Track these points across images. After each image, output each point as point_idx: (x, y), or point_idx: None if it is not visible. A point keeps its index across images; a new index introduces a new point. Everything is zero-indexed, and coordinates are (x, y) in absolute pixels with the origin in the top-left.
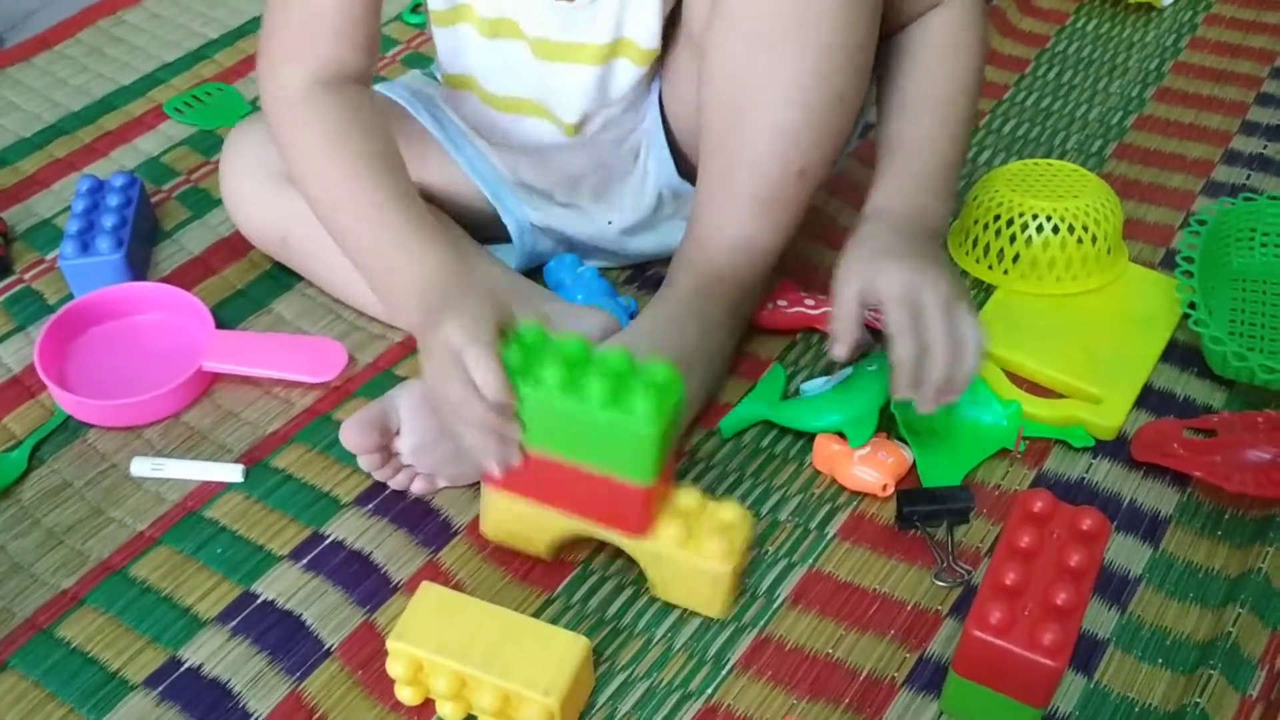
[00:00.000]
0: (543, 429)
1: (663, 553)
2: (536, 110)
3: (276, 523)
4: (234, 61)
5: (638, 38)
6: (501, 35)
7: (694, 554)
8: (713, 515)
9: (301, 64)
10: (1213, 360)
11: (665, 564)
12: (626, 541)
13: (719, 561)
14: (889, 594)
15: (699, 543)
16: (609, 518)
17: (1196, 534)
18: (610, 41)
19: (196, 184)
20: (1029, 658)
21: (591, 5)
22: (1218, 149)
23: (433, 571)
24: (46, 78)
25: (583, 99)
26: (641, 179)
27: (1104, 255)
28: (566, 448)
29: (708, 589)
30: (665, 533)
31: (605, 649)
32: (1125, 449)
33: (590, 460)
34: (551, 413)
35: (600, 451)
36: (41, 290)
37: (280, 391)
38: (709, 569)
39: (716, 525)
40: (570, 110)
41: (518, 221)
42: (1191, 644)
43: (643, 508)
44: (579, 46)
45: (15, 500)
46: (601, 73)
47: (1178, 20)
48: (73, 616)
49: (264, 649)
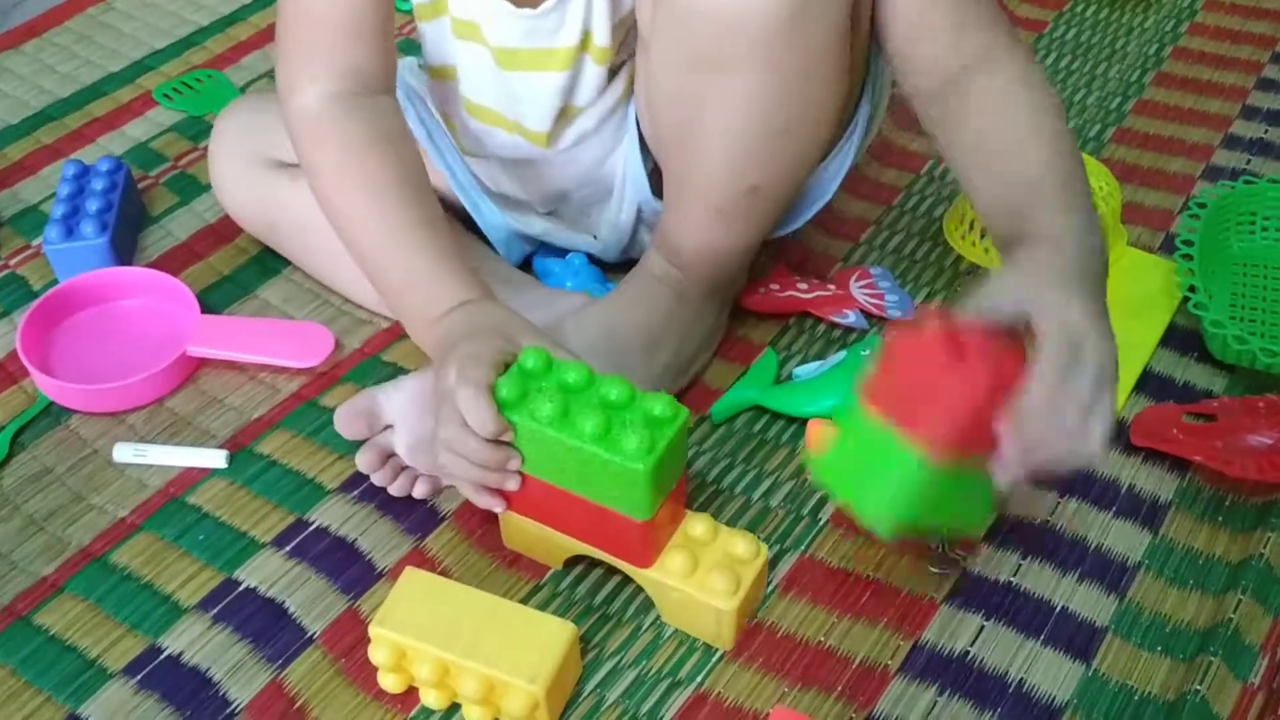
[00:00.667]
0: (540, 459)
1: (667, 584)
2: (504, 123)
3: (260, 509)
4: (224, 48)
5: (596, 34)
6: (468, 38)
7: (697, 589)
8: (722, 547)
9: (316, 78)
10: (1213, 344)
11: (670, 594)
12: (631, 569)
13: (723, 599)
14: (882, 580)
15: (704, 577)
16: (612, 547)
17: (1197, 520)
18: (577, 45)
19: (184, 170)
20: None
21: (559, 10)
22: (1218, 133)
23: (418, 558)
24: (35, 64)
25: (549, 106)
26: (620, 201)
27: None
28: (565, 479)
29: (712, 624)
30: (670, 564)
31: (593, 636)
32: (1124, 434)
33: (588, 493)
34: (546, 445)
35: (596, 486)
36: (26, 276)
37: (266, 377)
38: (712, 605)
39: (725, 558)
40: (537, 119)
41: (497, 230)
42: (1191, 631)
43: (643, 541)
44: (547, 53)
45: None
46: (568, 77)
47: (1177, 6)
48: (52, 604)
49: (245, 637)
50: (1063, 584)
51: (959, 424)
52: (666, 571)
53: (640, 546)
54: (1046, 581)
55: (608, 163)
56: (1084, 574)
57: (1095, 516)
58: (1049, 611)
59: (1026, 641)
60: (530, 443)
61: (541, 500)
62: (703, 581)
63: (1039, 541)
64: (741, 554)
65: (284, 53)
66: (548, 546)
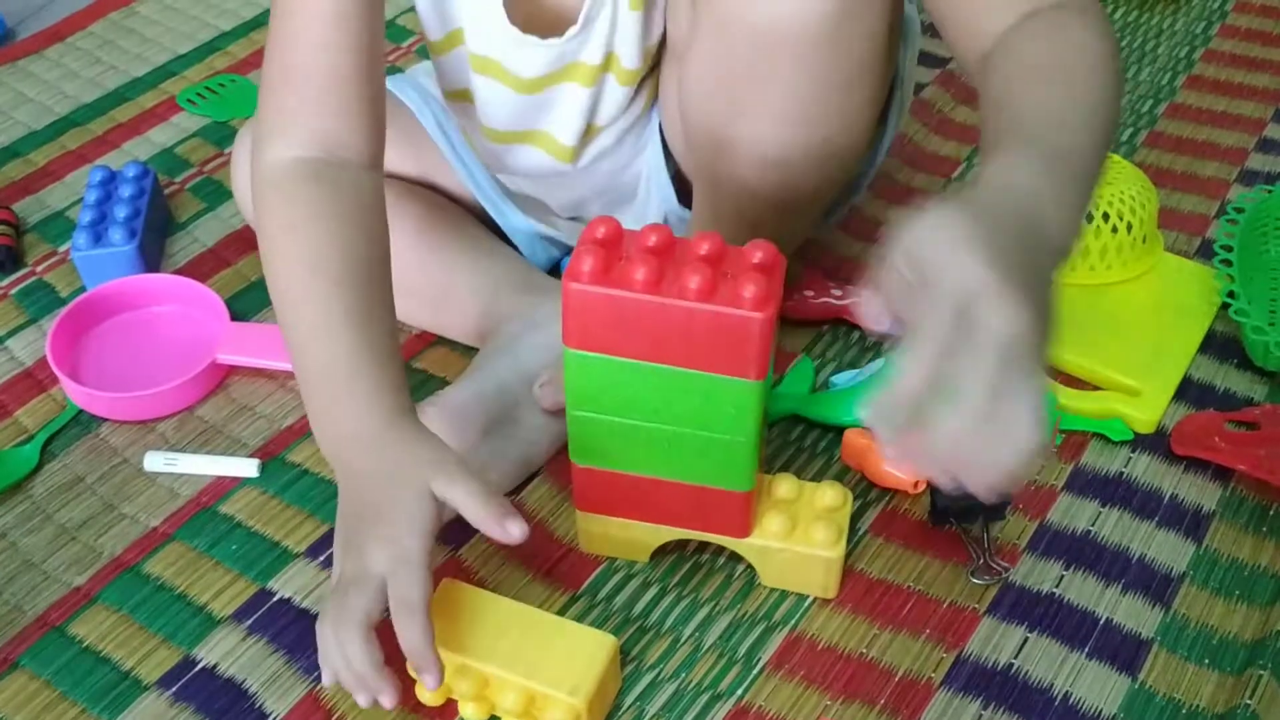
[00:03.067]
0: (629, 454)
1: (770, 547)
2: (531, 138)
3: (293, 519)
4: (247, 53)
5: (623, 58)
6: (488, 74)
7: (803, 544)
8: (812, 500)
9: (287, 138)
10: (1254, 351)
11: (775, 557)
12: (730, 540)
13: (829, 548)
14: (923, 591)
15: (805, 532)
16: (709, 524)
17: (1241, 530)
18: (601, 62)
19: (210, 175)
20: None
21: (583, 34)
22: (1252, 136)
23: (454, 568)
24: (58, 70)
25: (574, 121)
26: (644, 208)
27: (1139, 244)
28: (657, 466)
29: (821, 575)
30: (769, 526)
31: (632, 648)
32: (1164, 443)
33: (682, 475)
34: (639, 436)
35: (693, 466)
36: (53, 283)
37: (295, 384)
38: (820, 556)
39: (819, 510)
40: (566, 132)
41: (522, 233)
42: (1239, 644)
43: (744, 511)
44: (571, 67)
45: (27, 496)
46: (591, 95)
47: (1207, 8)
48: (85, 614)
49: (280, 648)
50: (1107, 595)
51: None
52: (768, 535)
53: (741, 517)
54: (1090, 592)
55: (628, 171)
56: (1128, 585)
57: (1138, 526)
58: (1093, 623)
59: (1071, 654)
60: (618, 438)
61: (627, 494)
62: (806, 536)
63: (1081, 551)
64: (831, 503)
65: (262, 102)
66: (634, 542)
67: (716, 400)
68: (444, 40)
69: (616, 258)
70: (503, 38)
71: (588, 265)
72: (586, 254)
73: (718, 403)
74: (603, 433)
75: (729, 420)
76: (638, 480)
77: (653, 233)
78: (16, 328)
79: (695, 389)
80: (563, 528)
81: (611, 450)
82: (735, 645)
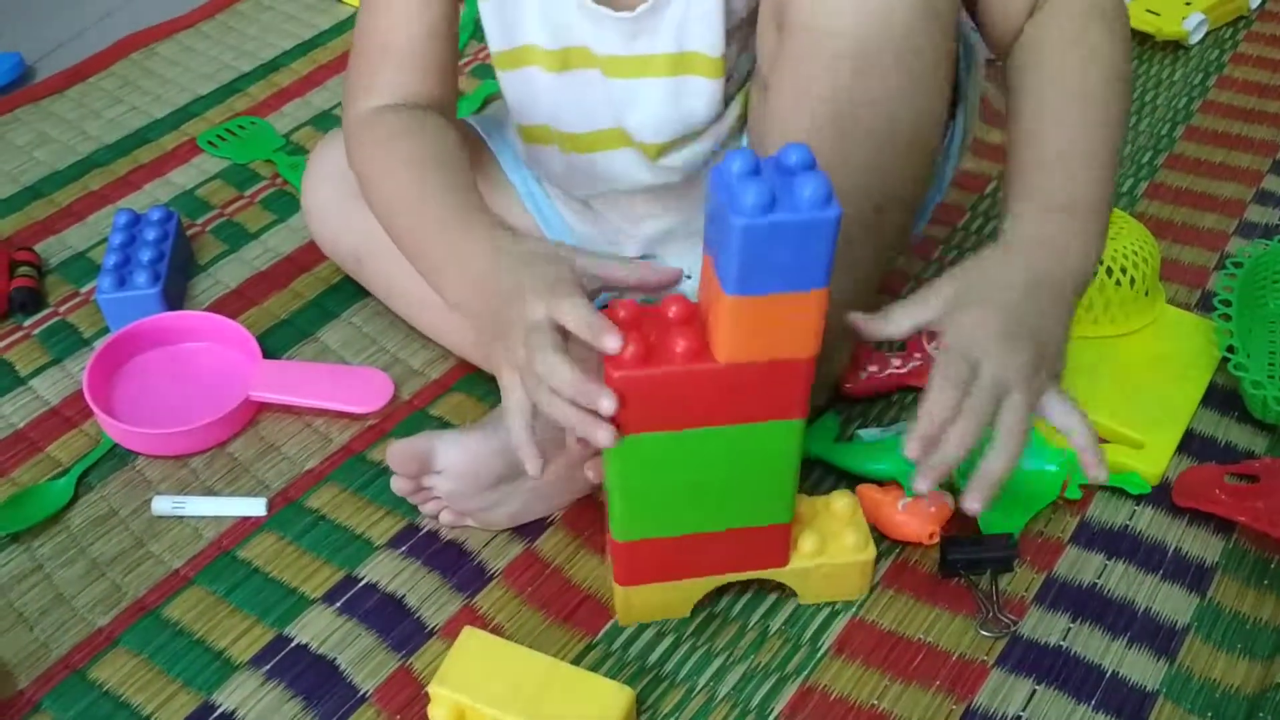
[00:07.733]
0: (678, 514)
1: (812, 566)
2: (616, 138)
3: (310, 564)
4: (266, 94)
5: (704, 48)
6: (572, 66)
7: (840, 556)
8: (829, 511)
9: (373, 93)
10: (1253, 405)
11: (814, 575)
12: (772, 573)
13: (862, 552)
14: (933, 644)
15: (837, 543)
16: (753, 563)
17: (1243, 583)
18: (676, 53)
19: (230, 218)
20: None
21: (653, 14)
22: (1249, 188)
23: (469, 615)
24: (80, 109)
25: (659, 115)
26: None
27: (1142, 297)
28: (705, 522)
29: (857, 579)
30: (804, 547)
31: (646, 697)
32: (1167, 496)
33: (725, 523)
34: (686, 495)
35: (735, 509)
36: (76, 323)
37: (320, 425)
38: (857, 562)
39: (842, 519)
40: (649, 129)
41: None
42: (1241, 697)
43: (784, 542)
44: (646, 59)
45: (64, 527)
46: (673, 86)
47: (1205, 59)
48: (107, 657)
49: (298, 694)
50: (1113, 647)
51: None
52: (805, 555)
53: (783, 547)
54: (1096, 645)
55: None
56: (1133, 638)
57: (1143, 579)
58: (1100, 676)
59: (1078, 707)
60: (666, 506)
61: (676, 556)
62: (841, 548)
63: (1087, 604)
64: (848, 509)
65: (351, 68)
66: (677, 601)
67: (762, 444)
68: (512, 54)
69: (646, 336)
70: (577, 14)
71: (628, 352)
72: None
73: (763, 446)
74: (650, 505)
75: (774, 460)
76: (683, 540)
77: (672, 304)
78: (40, 367)
79: (742, 440)
80: (579, 574)
81: (660, 519)
82: (749, 696)
